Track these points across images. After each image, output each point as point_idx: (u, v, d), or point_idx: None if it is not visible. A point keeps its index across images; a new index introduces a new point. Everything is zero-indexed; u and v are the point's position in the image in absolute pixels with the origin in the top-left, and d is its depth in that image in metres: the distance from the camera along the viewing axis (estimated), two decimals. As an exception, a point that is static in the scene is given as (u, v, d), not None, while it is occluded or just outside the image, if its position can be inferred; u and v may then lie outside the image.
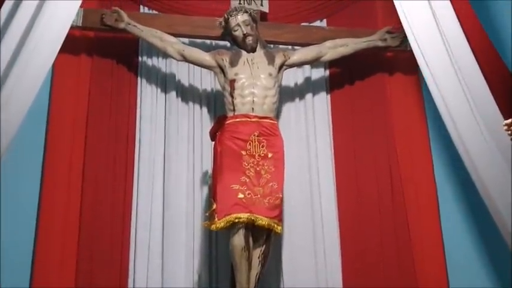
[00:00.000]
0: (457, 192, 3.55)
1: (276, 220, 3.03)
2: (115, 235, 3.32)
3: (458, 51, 2.79)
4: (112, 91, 3.62)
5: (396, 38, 3.59)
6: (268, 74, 3.27)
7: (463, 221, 3.52)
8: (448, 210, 3.49)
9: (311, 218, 3.51)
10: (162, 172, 3.54)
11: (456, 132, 2.89)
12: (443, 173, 3.58)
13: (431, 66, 2.88)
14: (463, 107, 2.78)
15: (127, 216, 3.39)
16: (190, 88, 3.75)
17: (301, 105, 3.77)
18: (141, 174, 3.53)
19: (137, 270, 3.30)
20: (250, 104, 3.20)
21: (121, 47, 3.71)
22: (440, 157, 3.61)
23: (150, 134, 3.61)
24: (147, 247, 3.35)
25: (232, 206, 2.96)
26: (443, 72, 2.84)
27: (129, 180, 3.49)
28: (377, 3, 3.85)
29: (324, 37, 3.55)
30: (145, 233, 3.38)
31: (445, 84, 2.83)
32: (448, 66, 2.82)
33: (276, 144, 3.19)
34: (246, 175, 3.05)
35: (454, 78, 2.79)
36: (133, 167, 3.53)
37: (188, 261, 3.37)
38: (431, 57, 2.89)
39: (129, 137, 3.58)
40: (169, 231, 3.41)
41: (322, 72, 3.85)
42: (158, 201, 3.47)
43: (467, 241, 3.48)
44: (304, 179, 3.59)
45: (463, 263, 3.40)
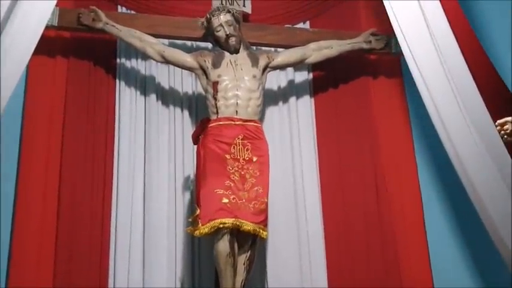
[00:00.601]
0: (441, 194, 3.54)
1: (261, 225, 2.95)
2: (94, 237, 3.22)
3: (448, 51, 2.75)
4: (89, 94, 3.50)
5: (381, 40, 3.56)
6: (252, 76, 3.19)
7: (447, 223, 3.50)
8: (432, 213, 3.48)
9: (295, 222, 3.45)
10: (142, 177, 3.45)
11: (445, 133, 2.85)
12: (427, 175, 3.57)
13: (420, 65, 2.84)
14: (452, 107, 2.74)
15: (106, 220, 3.29)
16: (171, 91, 3.66)
17: (284, 109, 3.71)
18: (120, 178, 3.43)
19: (117, 274, 3.21)
20: (234, 107, 3.12)
21: (98, 48, 3.60)
22: (424, 160, 3.61)
23: (130, 138, 3.51)
24: (127, 254, 3.25)
25: (217, 211, 2.88)
26: (432, 72, 2.80)
27: (108, 185, 3.38)
28: (361, 4, 3.81)
29: (308, 39, 3.49)
30: (125, 238, 3.28)
31: (434, 84, 2.80)
32: (437, 65, 2.78)
33: (261, 147, 3.12)
34: (231, 179, 2.96)
35: (443, 77, 2.75)
36: (112, 171, 3.43)
37: (170, 268, 3.28)
38: (421, 57, 2.85)
39: (107, 141, 3.48)
40: (150, 238, 3.32)
41: (305, 75, 3.80)
42: (138, 206, 3.37)
43: (451, 242, 3.47)
44: (288, 183, 3.53)
45: (447, 264, 3.39)
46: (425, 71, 2.82)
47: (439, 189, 3.53)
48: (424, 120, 3.53)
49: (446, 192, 3.51)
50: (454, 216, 3.50)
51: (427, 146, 3.61)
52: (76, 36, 3.57)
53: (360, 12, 3.81)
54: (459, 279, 3.37)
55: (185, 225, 3.31)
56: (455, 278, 3.36)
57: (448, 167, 3.24)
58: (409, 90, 3.68)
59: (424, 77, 2.84)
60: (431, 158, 3.58)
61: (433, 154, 3.58)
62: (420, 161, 3.58)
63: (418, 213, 3.44)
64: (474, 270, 3.43)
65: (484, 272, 3.40)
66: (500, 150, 2.61)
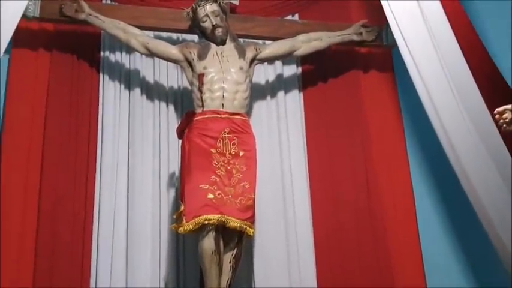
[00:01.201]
0: (433, 189, 3.48)
1: (248, 222, 2.85)
2: (75, 235, 3.12)
3: (442, 37, 2.66)
4: (72, 88, 3.41)
5: (371, 31, 3.48)
6: (239, 68, 3.09)
7: (440, 220, 3.45)
8: (424, 208, 3.41)
9: (284, 219, 3.35)
10: (126, 173, 3.36)
11: (439, 121, 2.75)
12: (419, 170, 3.51)
13: (413, 52, 2.74)
14: (446, 94, 2.65)
15: (88, 217, 3.21)
16: (156, 85, 3.56)
17: (272, 104, 3.61)
18: (103, 174, 3.34)
19: (100, 274, 3.12)
20: (220, 100, 3.02)
21: (82, 41, 3.51)
22: (416, 154, 3.54)
23: (113, 133, 3.42)
24: (110, 252, 3.16)
25: (202, 207, 2.78)
26: (426, 58, 2.70)
27: (90, 181, 3.30)
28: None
29: (297, 31, 3.41)
30: (108, 236, 3.19)
31: (427, 71, 2.70)
32: (431, 51, 2.68)
33: (248, 142, 3.02)
34: (216, 174, 2.87)
35: (436, 64, 2.66)
36: (95, 167, 3.35)
37: (154, 267, 3.18)
38: (414, 43, 2.74)
39: (90, 136, 3.39)
40: (134, 235, 3.22)
41: (294, 69, 3.71)
42: (122, 203, 3.28)
43: (444, 238, 3.42)
44: (277, 180, 3.43)
45: (440, 262, 3.33)
46: (419, 58, 2.73)
47: (431, 184, 3.47)
48: (416, 114, 3.51)
49: (438, 187, 3.45)
50: (446, 212, 3.44)
51: (419, 140, 3.55)
52: (59, 29, 3.48)
53: (350, 4, 3.75)
54: (452, 277, 3.32)
55: (170, 223, 3.21)
56: (448, 276, 3.30)
57: (440, 161, 3.22)
58: (401, 84, 3.63)
59: (417, 64, 2.75)
60: (423, 152, 3.52)
61: (425, 149, 3.52)
62: (412, 155, 3.51)
63: (410, 209, 3.36)
64: (468, 267, 3.37)
65: (478, 270, 3.34)
66: (494, 139, 2.53)
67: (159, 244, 3.24)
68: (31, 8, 3.27)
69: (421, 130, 3.53)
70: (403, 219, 3.33)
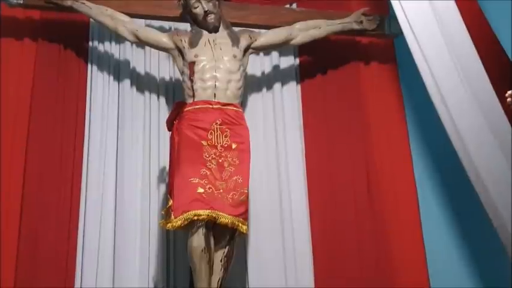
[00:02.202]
0: (436, 185, 3.32)
1: (241, 218, 2.69)
2: (60, 232, 2.98)
3: (449, 23, 2.48)
4: (59, 79, 3.27)
5: (373, 20, 3.31)
6: (233, 56, 2.93)
7: (443, 217, 3.28)
8: (427, 206, 3.25)
9: (279, 217, 3.20)
10: (114, 167, 3.20)
11: (446, 111, 2.55)
12: (421, 166, 3.34)
13: (419, 38, 2.56)
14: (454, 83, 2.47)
15: (74, 213, 3.06)
16: (147, 76, 3.41)
17: (269, 96, 3.45)
18: (90, 169, 3.19)
19: (85, 273, 2.97)
20: (212, 89, 2.86)
21: (69, 30, 3.36)
22: (419, 150, 3.38)
23: (101, 127, 3.27)
24: (96, 248, 3.01)
25: (191, 202, 2.61)
26: (433, 47, 2.51)
27: (76, 176, 3.15)
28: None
29: (295, 19, 3.23)
30: (94, 233, 3.05)
31: (434, 60, 2.51)
32: (438, 39, 2.50)
33: (241, 133, 2.86)
34: (207, 167, 2.70)
35: (444, 52, 2.47)
36: (81, 162, 3.20)
37: (143, 266, 3.03)
38: (420, 30, 2.56)
39: (77, 129, 3.24)
40: (122, 233, 3.07)
41: (291, 60, 3.54)
42: (109, 200, 3.12)
43: (447, 235, 3.26)
44: (272, 176, 3.28)
45: (444, 263, 3.17)
46: (425, 44, 2.53)
47: (434, 180, 3.31)
48: (419, 107, 3.38)
49: (442, 183, 3.29)
50: (450, 208, 3.27)
51: (422, 134, 3.39)
52: (45, 18, 3.34)
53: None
54: (457, 278, 3.15)
55: (159, 220, 3.03)
56: (452, 277, 3.14)
57: (444, 155, 3.10)
58: (403, 76, 3.47)
59: (423, 51, 2.55)
60: (426, 147, 3.36)
61: (428, 143, 3.37)
62: (415, 150, 3.35)
63: (413, 206, 3.20)
64: (472, 268, 3.19)
65: (483, 271, 3.17)
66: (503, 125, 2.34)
67: (148, 242, 3.09)
68: (16, -5, 3.11)
69: (424, 124, 3.38)
70: (406, 217, 3.17)
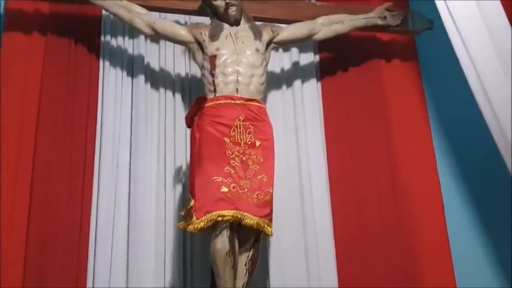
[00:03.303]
0: (461, 184, 3.26)
1: (266, 219, 2.55)
2: (71, 236, 2.83)
3: (491, 13, 2.36)
4: (69, 75, 3.12)
5: (396, 16, 3.21)
6: (255, 50, 2.81)
7: (468, 215, 3.23)
8: (452, 205, 3.17)
9: (301, 218, 3.08)
10: (128, 167, 3.05)
11: (488, 104, 2.42)
12: (445, 163, 3.27)
13: (461, 29, 2.43)
14: (497, 75, 2.34)
15: (85, 216, 2.91)
16: (161, 72, 3.27)
17: (289, 93, 3.34)
18: (102, 169, 3.03)
19: (97, 275, 2.82)
20: (234, 84, 2.72)
21: (80, 24, 3.22)
22: (443, 148, 3.31)
23: (114, 124, 3.12)
24: (109, 254, 2.86)
25: (215, 202, 2.47)
26: (475, 38, 2.39)
27: (88, 177, 3.00)
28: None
29: (316, 14, 3.12)
30: (107, 235, 2.90)
31: (476, 51, 2.39)
32: (481, 30, 2.37)
33: (265, 130, 2.73)
34: (231, 165, 2.56)
35: (487, 43, 2.34)
36: (93, 162, 3.05)
37: (158, 269, 2.89)
38: (461, 19, 2.43)
39: (88, 128, 3.09)
40: (136, 236, 2.92)
41: (311, 57, 3.44)
42: (123, 201, 2.97)
43: (472, 235, 3.21)
44: (293, 176, 3.15)
45: (471, 267, 3.10)
46: (466, 35, 2.40)
47: (459, 178, 3.25)
48: (442, 105, 3.33)
49: (466, 181, 3.23)
50: (475, 207, 3.20)
51: (446, 133, 3.33)
52: (55, 11, 3.19)
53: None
54: (484, 278, 3.09)
55: (175, 222, 2.95)
56: (479, 277, 3.07)
57: (468, 153, 3.11)
58: (425, 73, 3.40)
59: (464, 41, 2.43)
60: (450, 145, 3.30)
61: (452, 141, 3.31)
62: (438, 149, 3.27)
63: (438, 205, 3.10)
64: (499, 268, 3.12)
65: (510, 270, 3.08)
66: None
67: (164, 244, 2.96)
68: (26, -14, 2.98)
69: (447, 122, 3.32)
70: (431, 214, 3.07)
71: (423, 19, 3.27)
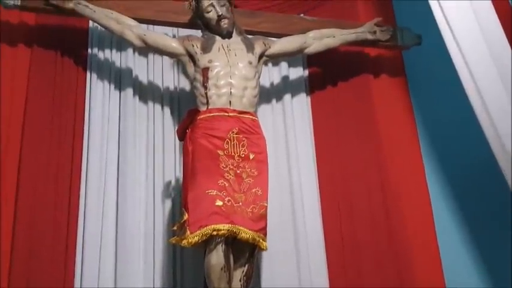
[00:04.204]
0: (450, 197, 3.22)
1: (261, 234, 2.51)
2: (56, 250, 2.75)
3: (489, 27, 2.38)
4: (55, 88, 3.06)
5: (386, 31, 3.23)
6: (248, 62, 2.79)
7: (457, 227, 3.19)
8: (442, 218, 3.15)
9: (293, 232, 3.04)
10: (115, 183, 2.99)
11: (488, 119, 2.41)
12: (434, 177, 3.25)
13: (459, 40, 2.44)
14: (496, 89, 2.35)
15: (72, 236, 2.83)
16: (150, 85, 3.23)
17: (278, 107, 3.32)
18: (89, 185, 2.96)
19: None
20: (227, 97, 2.69)
21: (67, 36, 3.17)
22: (432, 161, 3.29)
23: (102, 139, 3.06)
24: (96, 271, 2.78)
25: (210, 216, 2.42)
26: (474, 50, 2.39)
27: (74, 192, 2.92)
28: (358, 0, 3.50)
29: (307, 28, 3.11)
30: (94, 254, 2.82)
31: (475, 63, 2.39)
32: (479, 41, 2.39)
33: (259, 143, 2.70)
34: (225, 178, 2.52)
35: (486, 55, 2.35)
36: (79, 178, 2.97)
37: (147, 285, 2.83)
38: (460, 31, 2.45)
39: (75, 142, 3.02)
40: (124, 254, 2.85)
41: (300, 72, 3.44)
42: (110, 215, 2.91)
43: (462, 244, 3.17)
44: (284, 190, 3.12)
45: (460, 273, 3.08)
46: (466, 48, 2.41)
47: (448, 191, 3.22)
48: (431, 120, 3.33)
49: (455, 194, 3.21)
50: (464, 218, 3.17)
51: (434, 145, 3.31)
52: (41, 23, 3.14)
53: (358, 5, 3.49)
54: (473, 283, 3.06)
55: (165, 237, 2.90)
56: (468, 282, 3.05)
57: (456, 165, 3.12)
58: (413, 87, 3.40)
59: (463, 54, 2.43)
60: (439, 159, 3.28)
61: (440, 155, 3.28)
62: (428, 162, 3.26)
63: (428, 219, 3.08)
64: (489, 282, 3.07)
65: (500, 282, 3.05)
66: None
67: (153, 260, 2.89)
68: (12, -4, 2.91)
69: (435, 134, 3.31)
70: (421, 226, 3.04)
71: (412, 34, 3.30)
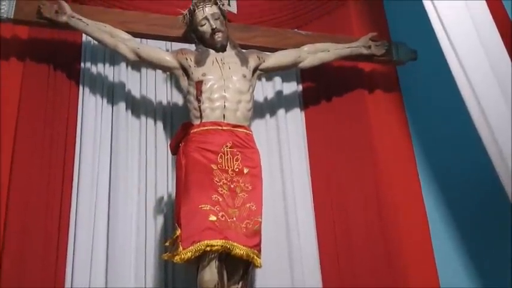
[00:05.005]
0: (446, 211, 3.20)
1: (255, 250, 2.46)
2: (46, 268, 2.68)
3: (488, 38, 2.37)
4: (47, 103, 3.03)
5: (381, 46, 3.22)
6: (242, 76, 2.76)
7: (454, 246, 3.16)
8: (438, 232, 3.12)
9: (287, 250, 2.98)
10: (107, 198, 2.95)
11: (487, 129, 2.38)
12: (430, 192, 3.22)
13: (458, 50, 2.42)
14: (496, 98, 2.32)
15: (61, 254, 2.76)
16: (143, 99, 3.20)
17: (272, 122, 3.29)
18: (81, 201, 2.91)
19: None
20: (221, 110, 2.66)
21: (60, 50, 3.14)
22: (428, 176, 3.26)
23: (93, 154, 3.03)
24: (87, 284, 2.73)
25: (203, 231, 2.37)
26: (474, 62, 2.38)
27: (65, 207, 2.86)
28: (353, 13, 3.50)
29: (301, 43, 3.10)
30: (84, 271, 2.76)
31: (475, 75, 2.37)
32: (480, 54, 2.37)
33: (253, 158, 2.66)
34: (219, 193, 2.48)
35: (485, 63, 2.34)
36: (70, 194, 2.91)
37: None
38: (460, 43, 2.43)
39: (66, 157, 2.98)
40: (115, 266, 2.79)
41: (294, 87, 3.41)
42: (101, 231, 2.86)
43: (459, 263, 3.13)
44: (279, 206, 3.06)
45: None
46: (463, 54, 2.39)
47: (444, 205, 3.20)
48: (426, 135, 3.31)
49: (451, 207, 3.19)
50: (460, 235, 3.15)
51: (430, 163, 3.28)
52: (34, 37, 3.12)
53: (352, 21, 3.48)
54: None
55: (157, 253, 2.84)
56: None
57: (451, 179, 3.12)
58: (408, 104, 3.38)
59: (460, 59, 2.41)
60: (434, 176, 3.26)
61: (436, 172, 3.26)
62: (423, 177, 3.23)
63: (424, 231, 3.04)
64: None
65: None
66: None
67: (144, 276, 2.82)
68: (4, 9, 2.89)
69: (431, 152, 3.29)
70: (418, 244, 2.99)
71: (407, 49, 3.29)
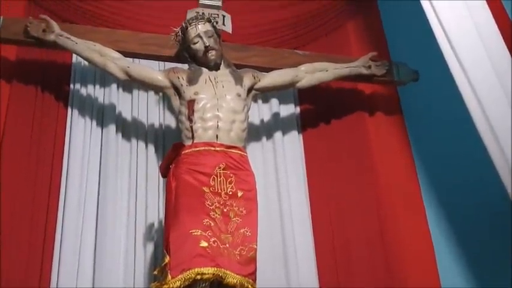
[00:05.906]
0: (451, 233, 3.07)
1: (250, 279, 2.30)
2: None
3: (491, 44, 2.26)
4: (34, 125, 2.91)
5: (381, 66, 3.10)
6: (236, 95, 2.65)
7: (461, 273, 3.00)
8: (443, 256, 2.97)
9: (285, 277, 2.83)
10: (94, 222, 2.81)
11: (492, 137, 2.25)
12: (435, 218, 3.07)
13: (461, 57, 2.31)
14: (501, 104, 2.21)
15: (45, 278, 2.62)
16: (134, 122, 3.10)
17: (269, 145, 3.17)
18: (66, 227, 2.77)
19: None
20: (214, 130, 2.54)
21: (48, 71, 3.05)
22: (432, 203, 3.12)
23: (81, 177, 2.91)
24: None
25: (193, 258, 2.22)
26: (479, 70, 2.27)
27: (49, 235, 2.73)
28: (352, 35, 3.41)
29: (299, 62, 3.00)
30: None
31: (480, 82, 2.26)
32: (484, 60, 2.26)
33: (247, 180, 2.52)
34: (211, 217, 2.33)
35: (491, 74, 2.22)
36: (56, 219, 2.78)
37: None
38: (462, 49, 2.33)
39: (52, 180, 2.86)
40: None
41: (292, 109, 3.31)
42: (87, 258, 2.72)
43: None
44: (276, 231, 2.92)
45: None
46: (469, 67, 2.28)
47: (447, 226, 3.07)
48: (429, 156, 3.19)
49: (455, 229, 3.06)
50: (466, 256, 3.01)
51: (435, 188, 3.15)
52: (22, 57, 3.02)
53: (351, 41, 3.39)
54: None
55: (146, 282, 2.68)
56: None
57: (455, 199, 3.01)
58: (410, 125, 3.26)
59: (468, 75, 2.30)
60: (438, 200, 3.12)
61: (441, 197, 3.13)
62: (428, 204, 3.08)
63: (429, 255, 2.89)
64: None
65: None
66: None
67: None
68: (-9, 28, 2.80)
69: (434, 172, 3.16)
70: (422, 265, 2.83)
71: (408, 70, 3.19)
